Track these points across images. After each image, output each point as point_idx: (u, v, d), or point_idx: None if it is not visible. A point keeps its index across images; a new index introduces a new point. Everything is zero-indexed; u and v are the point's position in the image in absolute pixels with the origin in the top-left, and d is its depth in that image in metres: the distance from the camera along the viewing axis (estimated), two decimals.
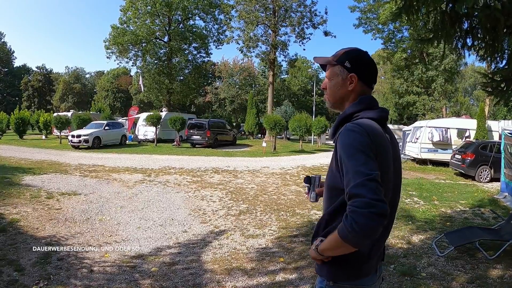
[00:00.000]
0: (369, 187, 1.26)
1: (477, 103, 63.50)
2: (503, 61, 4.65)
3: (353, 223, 1.23)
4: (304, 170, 14.15)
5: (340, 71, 1.63)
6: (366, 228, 1.22)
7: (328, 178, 1.57)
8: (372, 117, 1.52)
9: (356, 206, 1.24)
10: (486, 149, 13.18)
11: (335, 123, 1.63)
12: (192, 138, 23.83)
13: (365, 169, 1.30)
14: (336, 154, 1.48)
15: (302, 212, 7.54)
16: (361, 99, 1.59)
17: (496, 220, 7.08)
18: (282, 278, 4.21)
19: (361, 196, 1.25)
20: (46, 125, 24.35)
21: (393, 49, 37.55)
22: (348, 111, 1.58)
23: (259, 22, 30.51)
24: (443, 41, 4.75)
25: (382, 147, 1.45)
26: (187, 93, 39.35)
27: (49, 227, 5.74)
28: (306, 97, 56.46)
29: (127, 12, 33.75)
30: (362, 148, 1.36)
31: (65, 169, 11.75)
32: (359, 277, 1.51)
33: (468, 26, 4.55)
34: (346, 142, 1.40)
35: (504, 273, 4.46)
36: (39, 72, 70.73)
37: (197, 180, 10.92)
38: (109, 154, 17.76)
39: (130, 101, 62.00)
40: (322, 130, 26.99)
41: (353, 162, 1.34)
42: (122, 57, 34.74)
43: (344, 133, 1.44)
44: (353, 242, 1.29)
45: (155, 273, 4.19)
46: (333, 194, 1.52)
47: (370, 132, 1.42)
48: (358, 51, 1.64)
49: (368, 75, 1.63)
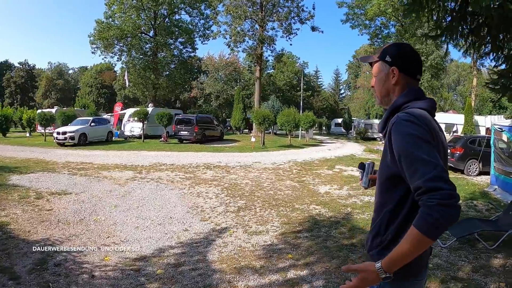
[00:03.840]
0: (445, 178, 1.26)
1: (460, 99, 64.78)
2: (508, 60, 4.68)
3: (442, 215, 1.22)
4: (296, 165, 14.07)
5: (383, 66, 1.67)
6: (453, 218, 1.24)
7: (382, 171, 1.55)
8: (422, 107, 1.52)
9: (441, 199, 1.22)
10: (474, 144, 13.36)
11: (385, 115, 1.63)
12: (179, 134, 23.55)
13: (434, 159, 1.30)
14: (390, 146, 1.45)
15: (301, 207, 7.44)
16: (409, 90, 1.60)
17: (489, 212, 7.34)
18: (293, 275, 4.10)
19: (442, 189, 1.24)
20: (30, 122, 23.63)
21: (380, 44, 37.77)
22: (398, 102, 1.58)
23: (246, 17, 30.24)
24: (449, 38, 4.81)
25: (437, 136, 1.46)
26: (173, 89, 38.99)
27: (42, 230, 5.43)
28: (292, 92, 56.54)
29: (112, 6, 33.07)
30: (424, 137, 1.35)
31: (53, 167, 11.35)
32: (416, 276, 1.53)
33: (475, 25, 4.59)
34: (405, 132, 1.37)
35: (506, 262, 4.64)
36: (21, 68, 68.91)
37: (190, 176, 10.71)
38: (96, 151, 17.32)
39: (115, 97, 60.91)
40: (310, 125, 27.03)
41: (419, 152, 1.31)
42: (107, 52, 34.07)
43: (400, 123, 1.41)
44: (436, 235, 1.27)
45: (161, 275, 3.98)
46: (388, 186, 1.51)
47: (426, 121, 1.42)
48: (398, 45, 1.68)
49: (409, 67, 1.63)
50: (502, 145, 9.89)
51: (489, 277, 4.17)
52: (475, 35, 4.67)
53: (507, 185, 9.07)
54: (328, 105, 70.26)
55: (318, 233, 5.72)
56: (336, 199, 8.29)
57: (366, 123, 39.18)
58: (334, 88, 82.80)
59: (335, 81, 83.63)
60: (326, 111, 67.45)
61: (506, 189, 9.07)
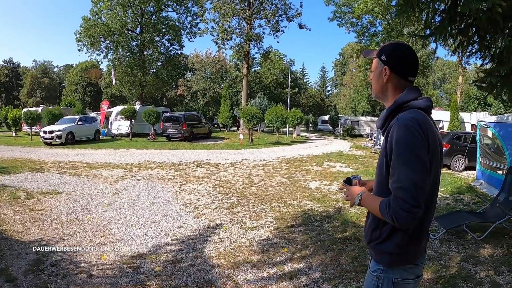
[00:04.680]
0: (411, 193, 1.44)
1: (445, 96, 65.91)
2: (495, 59, 4.83)
3: (393, 217, 1.46)
4: (285, 162, 14.17)
5: (379, 64, 1.74)
6: (402, 225, 1.48)
7: (381, 166, 1.65)
8: (420, 106, 1.61)
9: (398, 206, 1.45)
10: (460, 140, 13.65)
11: (385, 114, 1.69)
12: (167, 132, 23.44)
13: (413, 174, 1.45)
14: (386, 147, 1.58)
15: (293, 202, 7.53)
16: (410, 89, 1.67)
17: (476, 205, 7.57)
18: (291, 268, 4.19)
19: (404, 200, 1.44)
20: (15, 122, 23.16)
21: (366, 42, 38.14)
22: (399, 101, 1.64)
23: (234, 14, 30.20)
24: (438, 37, 4.95)
25: (433, 140, 1.55)
26: (160, 86, 38.72)
27: (35, 230, 5.38)
28: (279, 89, 56.74)
29: (98, 3, 32.67)
30: (416, 150, 1.47)
31: (41, 167, 11.19)
32: (414, 261, 1.67)
33: (464, 25, 4.73)
34: (402, 139, 1.49)
35: (494, 252, 4.84)
36: (6, 66, 67.43)
37: (180, 174, 10.70)
38: (85, 150, 17.12)
39: (100, 95, 60.18)
40: (298, 122, 27.19)
41: (405, 164, 1.47)
42: (94, 49, 33.68)
43: (399, 128, 1.52)
44: (386, 219, 1.53)
45: (160, 272, 4.00)
46: (387, 181, 1.59)
47: (424, 127, 1.51)
48: (395, 45, 1.73)
49: (402, 68, 1.69)
50: (488, 141, 10.13)
51: (479, 265, 4.35)
52: (464, 35, 4.81)
53: (493, 179, 9.31)
54: (315, 102, 70.73)
55: (311, 227, 5.82)
56: (327, 194, 8.41)
57: (353, 120, 39.54)
58: (320, 85, 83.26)
59: (321, 78, 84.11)
60: (313, 108, 67.88)
61: (491, 183, 9.31)
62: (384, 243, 1.63)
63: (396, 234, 1.60)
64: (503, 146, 8.76)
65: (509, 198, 5.78)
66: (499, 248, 4.96)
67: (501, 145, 8.86)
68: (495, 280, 3.96)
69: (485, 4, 3.87)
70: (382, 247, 1.65)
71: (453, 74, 65.04)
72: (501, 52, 4.46)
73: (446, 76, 74.28)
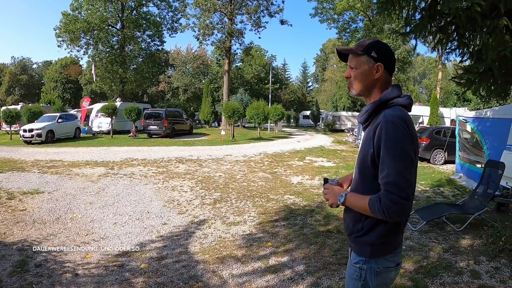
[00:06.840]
0: (401, 187, 1.52)
1: (426, 91, 67.15)
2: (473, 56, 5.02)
3: (385, 211, 1.52)
4: (267, 157, 14.32)
5: (367, 60, 1.74)
6: (394, 218, 1.55)
7: (362, 161, 1.72)
8: (403, 104, 1.69)
9: (389, 200, 1.51)
10: (440, 134, 14.02)
11: (370, 109, 1.73)
12: (149, 128, 23.29)
13: (402, 168, 1.53)
14: (372, 140, 1.63)
15: (276, 197, 7.67)
16: (393, 87, 1.74)
17: (456, 197, 7.82)
18: (275, 262, 4.31)
19: (395, 194, 1.51)
20: None
21: (348, 38, 38.54)
22: (385, 98, 1.70)
23: (215, 10, 30.05)
24: (419, 35, 5.11)
25: (415, 135, 1.64)
26: (141, 82, 38.25)
27: (18, 231, 5.33)
28: (260, 85, 56.81)
29: None
30: (404, 145, 1.55)
31: (21, 166, 10.99)
32: (394, 250, 1.76)
33: (444, 23, 4.90)
34: (390, 136, 1.56)
35: (473, 242, 5.05)
36: None
37: (163, 170, 10.71)
38: (65, 148, 16.84)
39: (81, 92, 58.88)
40: (279, 118, 27.38)
41: (394, 158, 1.54)
42: (73, 45, 32.89)
43: (387, 125, 1.58)
44: (376, 215, 1.59)
45: (145, 269, 4.07)
46: (367, 175, 1.70)
47: (408, 124, 1.60)
48: (383, 43, 1.78)
49: (392, 65, 1.78)
50: (467, 135, 10.41)
51: (459, 255, 4.55)
52: (443, 32, 4.96)
53: (472, 173, 9.61)
54: (296, 97, 71.02)
55: (294, 221, 5.96)
56: (309, 188, 8.57)
57: (334, 115, 39.99)
58: (302, 81, 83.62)
59: (302, 74, 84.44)
60: (294, 104, 68.14)
61: (470, 176, 9.60)
62: (366, 235, 1.71)
63: (379, 225, 1.67)
64: (481, 140, 9.03)
65: (487, 190, 5.97)
66: (478, 238, 5.17)
67: (480, 139, 9.14)
68: (474, 269, 4.14)
69: (465, 3, 4.01)
70: (364, 239, 1.72)
71: (433, 70, 66.25)
72: (479, 49, 4.63)
73: (426, 72, 75.63)
